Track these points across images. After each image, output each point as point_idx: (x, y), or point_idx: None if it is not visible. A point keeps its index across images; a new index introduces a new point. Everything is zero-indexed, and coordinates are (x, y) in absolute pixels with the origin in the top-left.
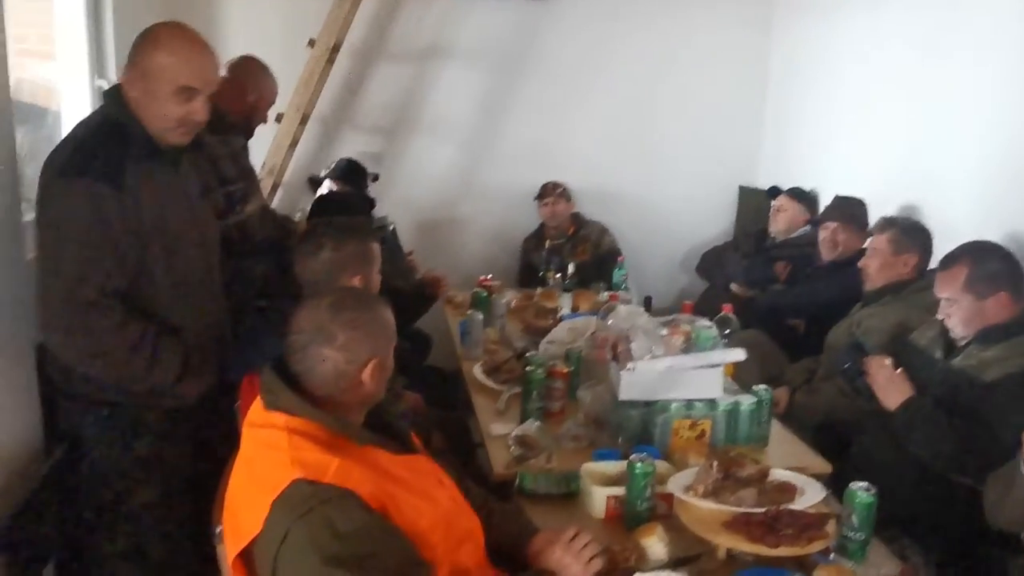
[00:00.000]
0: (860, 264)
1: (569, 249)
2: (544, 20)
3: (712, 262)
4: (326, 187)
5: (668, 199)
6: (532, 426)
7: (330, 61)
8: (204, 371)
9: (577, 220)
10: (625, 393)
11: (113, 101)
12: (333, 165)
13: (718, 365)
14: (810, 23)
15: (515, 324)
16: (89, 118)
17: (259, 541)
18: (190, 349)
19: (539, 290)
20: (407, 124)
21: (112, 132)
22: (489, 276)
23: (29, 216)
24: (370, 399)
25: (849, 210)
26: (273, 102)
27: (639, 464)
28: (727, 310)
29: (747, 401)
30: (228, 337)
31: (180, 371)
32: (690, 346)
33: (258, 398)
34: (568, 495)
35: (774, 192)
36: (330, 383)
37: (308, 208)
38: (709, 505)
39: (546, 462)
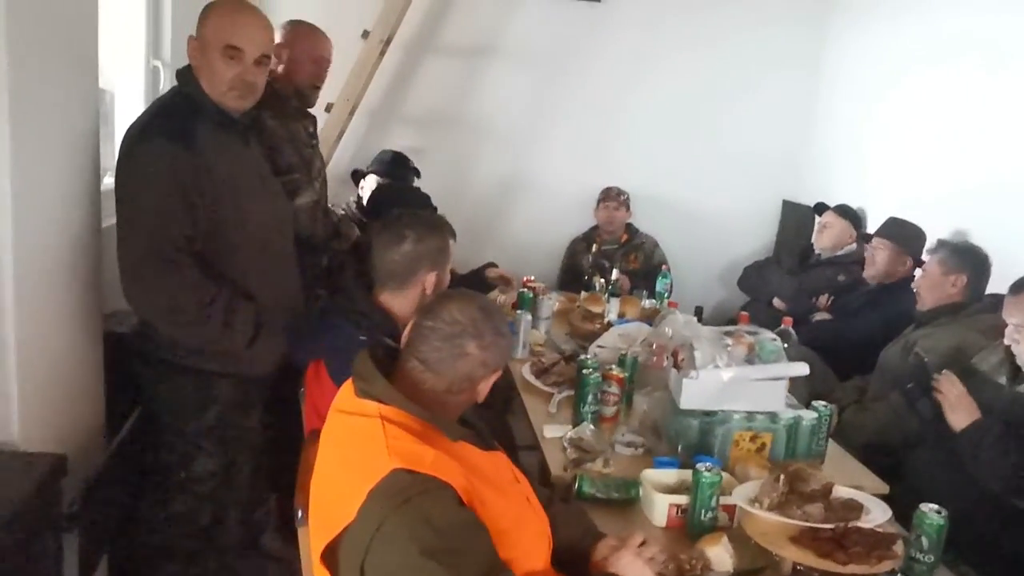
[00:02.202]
0: (913, 284)
1: (620, 256)
2: (594, 21)
3: (754, 276)
4: (371, 181)
5: (710, 210)
6: (586, 429)
7: (382, 53)
8: (277, 340)
9: (630, 229)
10: (687, 401)
11: (184, 77)
12: (375, 158)
13: (782, 378)
14: (865, 30)
15: (559, 327)
16: (163, 95)
17: (351, 530)
18: (263, 315)
19: (583, 294)
20: (452, 121)
21: (184, 103)
22: (532, 277)
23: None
24: (467, 408)
25: (901, 232)
26: (330, 61)
27: (706, 473)
28: (787, 323)
29: (808, 416)
30: (301, 314)
31: (253, 334)
32: (753, 357)
33: (346, 384)
34: (626, 501)
35: (820, 208)
36: (456, 379)
37: (352, 200)
38: (776, 518)
39: (603, 467)
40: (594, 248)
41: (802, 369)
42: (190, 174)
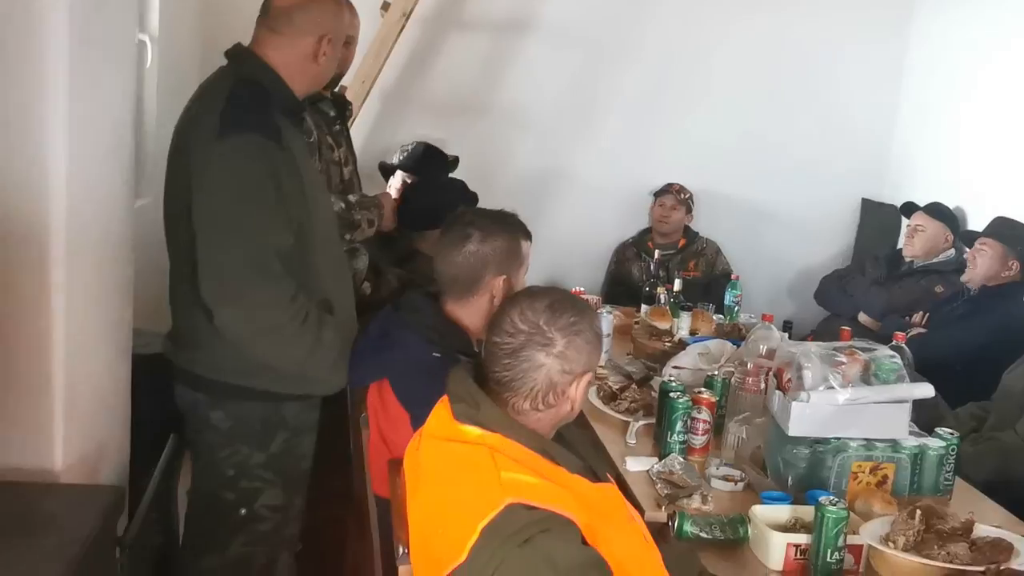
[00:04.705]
0: None
1: (677, 262)
2: None
3: (834, 289)
4: (398, 178)
5: (777, 210)
6: (675, 462)
7: (402, 28)
8: (348, 356)
9: (688, 233)
10: (796, 428)
11: (248, 62)
12: (408, 150)
13: (905, 401)
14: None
15: (619, 346)
16: (218, 83)
17: (462, 569)
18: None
19: (644, 308)
20: (478, 107)
21: (254, 91)
22: (582, 288)
23: None
24: (567, 419)
25: (1011, 231)
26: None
27: (831, 508)
28: (900, 339)
29: (935, 445)
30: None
31: (338, 353)
32: (869, 376)
33: (440, 407)
34: (731, 542)
35: (909, 208)
36: (538, 395)
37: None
38: (917, 560)
39: (702, 503)
40: (657, 254)
41: (927, 391)
42: (285, 173)
